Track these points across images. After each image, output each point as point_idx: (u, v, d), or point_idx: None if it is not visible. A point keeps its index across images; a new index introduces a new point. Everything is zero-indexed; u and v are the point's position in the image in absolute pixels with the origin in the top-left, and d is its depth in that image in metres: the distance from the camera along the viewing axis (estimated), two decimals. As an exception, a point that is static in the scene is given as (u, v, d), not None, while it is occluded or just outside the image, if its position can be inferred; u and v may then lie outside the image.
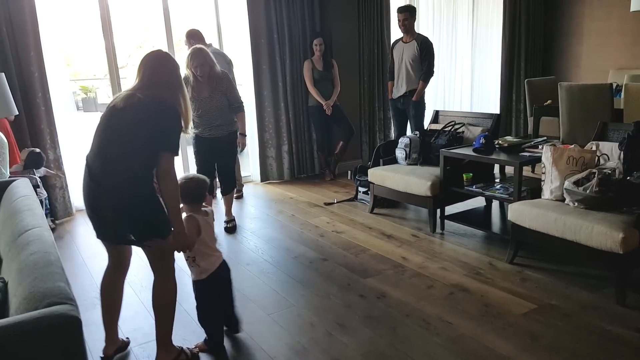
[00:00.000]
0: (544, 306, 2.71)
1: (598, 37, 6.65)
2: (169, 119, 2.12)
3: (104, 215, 2.13)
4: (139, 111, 2.08)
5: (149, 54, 2.24)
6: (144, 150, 2.07)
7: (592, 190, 2.80)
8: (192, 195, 2.40)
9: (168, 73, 2.21)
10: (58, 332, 1.32)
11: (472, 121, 4.27)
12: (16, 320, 1.30)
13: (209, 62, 3.73)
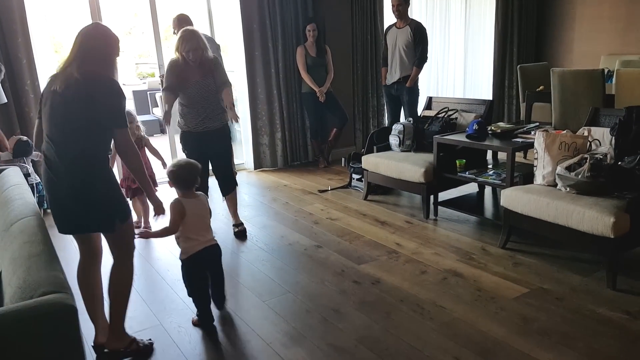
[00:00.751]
0: (536, 290, 2.74)
1: (590, 23, 6.65)
2: (113, 94, 2.08)
3: (64, 203, 2.13)
4: (79, 92, 2.02)
5: (85, 27, 2.15)
6: (89, 130, 2.06)
7: (583, 175, 2.82)
8: (183, 181, 2.51)
9: (102, 46, 2.12)
10: (54, 320, 1.31)
11: (465, 107, 4.27)
12: (11, 309, 1.29)
13: (202, 45, 3.42)
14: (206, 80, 3.48)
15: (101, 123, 2.07)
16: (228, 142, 3.75)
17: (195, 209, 2.49)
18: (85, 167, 2.07)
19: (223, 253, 3.40)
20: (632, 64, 5.29)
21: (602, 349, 2.21)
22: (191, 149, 3.57)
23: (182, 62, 3.43)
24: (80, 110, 2.02)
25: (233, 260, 3.37)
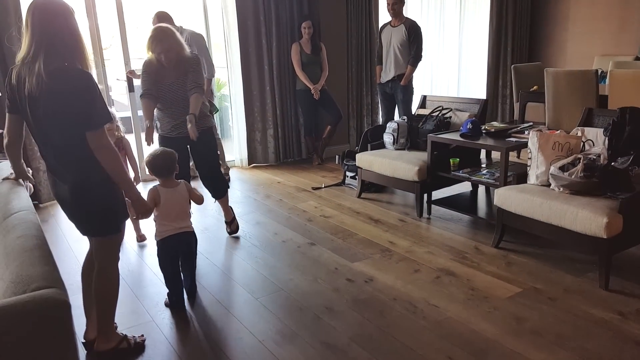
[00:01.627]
0: (528, 290, 2.75)
1: (583, 24, 6.68)
2: (81, 92, 1.88)
3: (67, 207, 2.12)
4: (51, 94, 1.86)
5: (35, 4, 1.89)
6: (75, 131, 1.93)
7: (577, 175, 2.83)
8: (160, 170, 2.63)
9: (66, 31, 1.91)
10: (46, 316, 1.30)
11: (460, 106, 4.27)
12: (3, 304, 1.28)
13: (175, 46, 3.07)
14: (181, 81, 3.17)
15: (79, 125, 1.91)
16: (210, 147, 3.41)
17: (172, 197, 2.63)
18: (83, 170, 2.00)
19: (215, 250, 3.41)
20: (625, 65, 5.32)
21: (594, 349, 2.22)
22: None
23: (156, 62, 3.14)
24: (58, 113, 1.89)
25: (226, 257, 3.35)
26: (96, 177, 2.01)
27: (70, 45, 1.92)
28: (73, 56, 1.92)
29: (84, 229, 2.16)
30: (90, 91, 1.90)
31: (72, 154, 1.98)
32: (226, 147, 5.78)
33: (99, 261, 2.20)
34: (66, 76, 1.88)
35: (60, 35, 1.89)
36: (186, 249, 2.72)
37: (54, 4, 1.91)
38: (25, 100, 1.93)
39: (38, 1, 1.90)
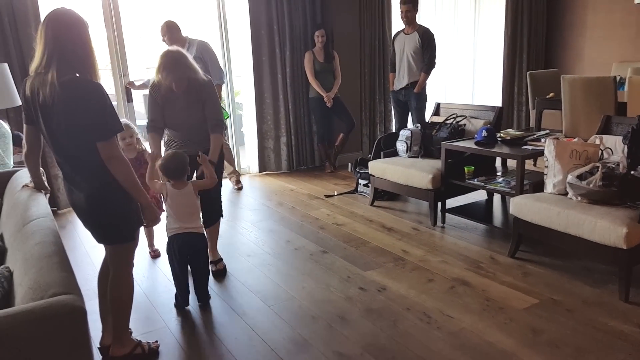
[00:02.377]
0: (546, 301, 2.69)
1: (601, 30, 6.60)
2: (92, 103, 1.89)
3: (83, 214, 2.12)
4: (64, 104, 1.87)
5: (49, 16, 1.91)
6: (89, 140, 1.93)
7: (595, 184, 2.78)
8: (173, 172, 2.67)
9: (79, 43, 1.92)
10: (63, 321, 1.33)
11: (474, 114, 4.24)
12: (21, 309, 1.31)
13: (187, 73, 2.81)
14: (193, 109, 2.94)
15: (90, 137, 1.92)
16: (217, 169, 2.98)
17: (179, 198, 2.69)
18: (98, 178, 2.00)
19: (228, 257, 3.40)
20: (644, 72, 5.23)
21: (613, 362, 2.17)
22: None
23: (164, 87, 2.86)
24: (71, 123, 1.90)
25: (238, 264, 3.34)
26: (111, 186, 2.01)
27: (81, 56, 1.93)
28: (84, 67, 1.94)
29: (99, 236, 2.17)
30: (101, 102, 1.91)
31: (87, 163, 1.99)
32: (239, 155, 5.81)
33: (114, 268, 2.22)
34: (77, 87, 1.89)
35: (72, 47, 1.91)
36: (191, 249, 2.74)
37: (67, 16, 1.93)
38: (39, 111, 1.95)
39: (52, 13, 1.92)
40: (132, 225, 2.16)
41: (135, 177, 2.05)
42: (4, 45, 4.14)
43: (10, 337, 1.28)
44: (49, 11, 1.93)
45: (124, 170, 1.99)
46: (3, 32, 4.11)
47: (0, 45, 4.13)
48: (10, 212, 2.35)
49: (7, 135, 3.46)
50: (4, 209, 2.56)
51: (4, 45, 4.14)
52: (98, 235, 2.17)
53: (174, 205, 2.70)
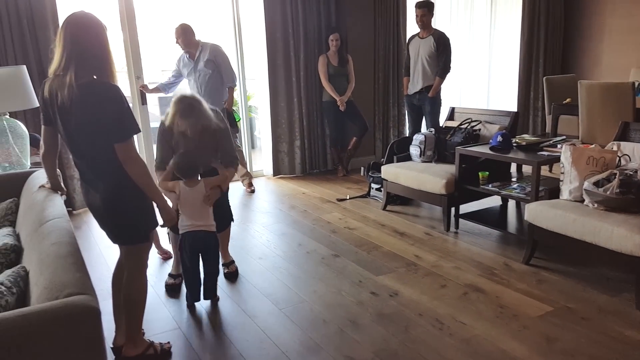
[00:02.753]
0: (560, 309, 2.66)
1: (619, 35, 6.52)
2: (109, 105, 1.91)
3: (99, 214, 2.15)
4: (81, 105, 1.89)
5: (68, 19, 1.93)
6: (106, 141, 1.96)
7: (612, 191, 2.74)
8: (185, 171, 2.71)
9: (97, 45, 1.94)
10: (77, 322, 1.35)
11: (489, 119, 4.21)
12: (37, 309, 1.33)
13: (201, 120, 2.73)
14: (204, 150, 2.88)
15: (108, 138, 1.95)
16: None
17: (191, 196, 2.72)
18: (115, 179, 2.02)
19: (240, 260, 3.42)
20: (662, 78, 5.16)
21: (630, 372, 2.13)
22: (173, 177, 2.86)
23: (175, 132, 2.81)
24: (88, 125, 1.93)
25: (250, 267, 3.35)
26: (127, 187, 2.03)
27: (99, 59, 1.95)
28: (102, 70, 1.96)
29: (115, 236, 2.19)
30: (118, 103, 1.92)
31: (104, 163, 2.01)
32: (253, 158, 5.83)
33: (129, 268, 2.23)
34: (95, 89, 1.92)
35: (90, 50, 1.93)
36: (202, 246, 2.76)
37: (86, 20, 1.95)
38: (57, 113, 1.98)
39: (71, 16, 1.94)
40: (147, 226, 2.18)
41: (151, 178, 2.07)
42: (22, 48, 4.20)
43: (25, 336, 1.30)
44: (68, 14, 1.95)
45: (141, 171, 2.01)
46: (22, 34, 4.18)
47: (18, 48, 4.19)
48: (26, 212, 2.38)
49: (25, 136, 3.52)
50: (21, 209, 2.60)
51: (22, 48, 4.20)
52: (113, 236, 2.19)
53: (187, 203, 2.72)
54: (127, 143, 1.96)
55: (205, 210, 2.76)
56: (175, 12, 5.11)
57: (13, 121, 3.50)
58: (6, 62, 4.15)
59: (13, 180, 2.96)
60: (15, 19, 4.15)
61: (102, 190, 2.04)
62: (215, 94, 4.64)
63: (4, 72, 3.36)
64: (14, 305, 1.63)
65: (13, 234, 2.34)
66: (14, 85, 3.36)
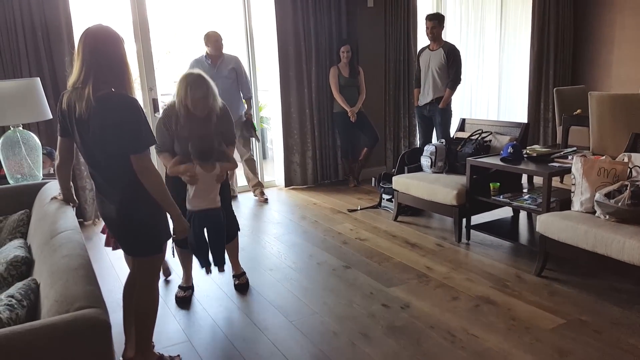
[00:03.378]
0: (573, 321, 2.64)
1: (629, 46, 6.49)
2: (127, 116, 1.94)
3: (113, 226, 2.17)
4: (98, 117, 1.92)
5: (87, 32, 1.97)
6: (124, 155, 1.98)
7: (624, 203, 2.72)
8: (202, 155, 2.79)
9: (115, 59, 1.97)
10: (88, 335, 1.35)
11: (500, 130, 4.20)
12: (47, 322, 1.33)
13: (211, 95, 2.75)
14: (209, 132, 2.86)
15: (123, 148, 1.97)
16: (226, 187, 3.03)
17: (207, 180, 2.83)
18: (130, 191, 2.04)
19: (250, 271, 3.43)
20: (675, 89, 5.12)
21: (644, 387, 2.10)
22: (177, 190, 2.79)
23: (183, 112, 2.77)
24: (105, 136, 1.95)
25: (261, 278, 3.36)
26: (142, 198, 2.05)
27: (117, 72, 1.98)
28: (120, 82, 1.98)
29: (129, 248, 2.21)
30: (135, 115, 1.95)
31: (119, 175, 2.04)
32: (264, 169, 5.86)
33: (141, 280, 2.24)
34: (113, 101, 1.95)
35: (108, 62, 1.96)
36: (212, 223, 2.89)
37: (104, 32, 1.98)
38: (75, 124, 2.02)
39: (90, 29, 1.98)
40: (162, 238, 2.19)
41: (167, 189, 2.09)
42: (37, 60, 4.28)
43: (35, 350, 1.30)
44: (87, 28, 1.99)
45: (156, 183, 2.03)
46: (36, 46, 4.26)
47: (32, 60, 4.27)
48: (38, 223, 2.40)
49: (37, 147, 3.57)
50: (33, 221, 2.62)
51: (37, 60, 4.28)
52: (127, 247, 2.21)
53: (201, 185, 2.82)
54: (143, 154, 1.98)
55: (216, 190, 2.89)
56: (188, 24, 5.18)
57: (26, 133, 3.55)
58: (20, 74, 4.22)
59: (25, 192, 2.98)
60: (30, 32, 4.23)
61: (118, 202, 2.06)
62: (233, 102, 4.78)
63: (18, 85, 3.41)
64: (25, 318, 1.64)
65: (24, 245, 2.36)
66: (28, 97, 3.41)
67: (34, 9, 4.20)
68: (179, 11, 6.82)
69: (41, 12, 4.24)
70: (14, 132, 3.48)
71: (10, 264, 2.13)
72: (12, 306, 1.64)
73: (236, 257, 3.29)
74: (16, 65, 4.23)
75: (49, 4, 4.24)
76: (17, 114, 3.38)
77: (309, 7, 5.42)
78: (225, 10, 6.47)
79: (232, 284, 3.24)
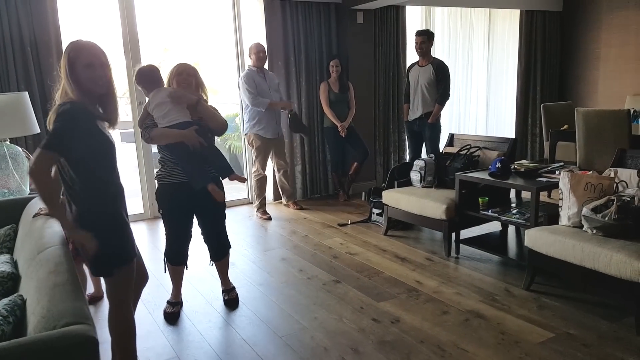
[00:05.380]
0: (561, 335, 2.65)
1: (615, 63, 6.63)
2: (56, 119, 1.88)
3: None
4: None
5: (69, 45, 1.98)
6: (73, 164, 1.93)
7: (610, 217, 2.76)
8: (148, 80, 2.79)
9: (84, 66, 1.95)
10: (75, 352, 1.34)
11: (488, 145, 4.25)
12: (34, 339, 1.32)
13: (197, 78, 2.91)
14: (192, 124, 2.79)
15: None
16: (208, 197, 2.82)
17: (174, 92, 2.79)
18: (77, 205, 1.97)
19: (240, 285, 3.41)
20: (658, 105, 5.22)
21: (633, 401, 2.11)
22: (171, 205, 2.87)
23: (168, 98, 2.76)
24: None
25: (250, 292, 3.34)
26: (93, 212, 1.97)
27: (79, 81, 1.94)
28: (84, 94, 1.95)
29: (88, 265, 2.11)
30: (63, 117, 1.88)
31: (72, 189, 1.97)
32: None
33: (109, 300, 2.17)
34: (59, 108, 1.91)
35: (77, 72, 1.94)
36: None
37: (78, 46, 1.96)
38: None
39: (69, 44, 1.98)
40: (112, 258, 2.05)
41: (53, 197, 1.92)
42: (26, 74, 4.26)
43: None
44: (70, 42, 1.99)
45: (39, 189, 1.87)
46: (25, 61, 4.25)
47: (21, 74, 4.25)
48: (25, 239, 2.37)
49: (25, 162, 3.54)
50: (19, 236, 2.59)
51: (26, 74, 4.26)
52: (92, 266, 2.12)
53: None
54: (43, 152, 1.83)
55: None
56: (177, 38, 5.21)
57: (13, 147, 3.53)
58: (9, 88, 4.21)
59: (12, 207, 2.95)
60: (19, 46, 4.22)
61: (76, 214, 1.98)
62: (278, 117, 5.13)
63: (6, 98, 3.40)
64: (11, 334, 1.62)
65: (11, 261, 2.33)
66: (16, 111, 3.39)
67: (23, 24, 4.21)
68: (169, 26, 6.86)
69: (30, 27, 4.24)
70: (1, 146, 3.45)
71: (-4, 279, 2.11)
72: (-3, 322, 1.62)
73: (226, 272, 3.26)
74: (4, 79, 4.21)
75: (39, 18, 4.25)
76: (4, 128, 3.36)
77: (299, 23, 5.47)
78: (215, 25, 6.52)
79: (221, 299, 3.22)
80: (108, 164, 2.05)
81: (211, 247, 3.13)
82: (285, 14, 5.42)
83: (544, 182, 3.40)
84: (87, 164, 1.96)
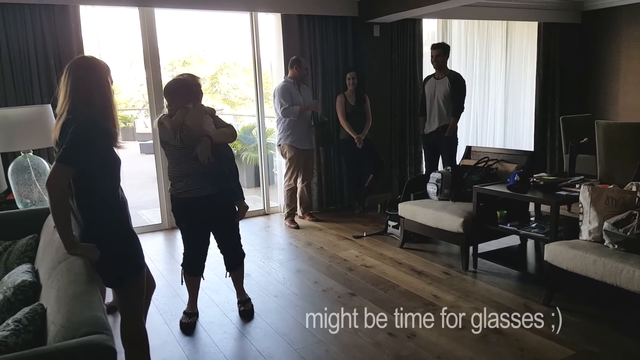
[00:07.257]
0: (582, 352, 2.59)
1: (635, 76, 6.54)
2: (71, 133, 1.91)
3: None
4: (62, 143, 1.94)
5: (70, 63, 2.03)
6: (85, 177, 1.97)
7: (633, 232, 2.71)
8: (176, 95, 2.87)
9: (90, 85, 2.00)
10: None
11: (506, 157, 4.21)
12: (53, 348, 1.34)
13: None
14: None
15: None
16: (231, 211, 2.99)
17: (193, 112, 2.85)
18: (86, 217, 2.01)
19: (255, 297, 3.41)
20: (681, 118, 5.13)
21: (657, 422, 2.05)
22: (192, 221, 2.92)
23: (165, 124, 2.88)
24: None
25: (265, 304, 3.33)
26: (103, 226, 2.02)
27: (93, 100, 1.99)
28: (92, 109, 1.98)
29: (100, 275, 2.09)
30: (78, 132, 1.91)
31: (79, 202, 2.01)
32: (270, 194, 5.87)
33: (120, 311, 2.19)
34: (71, 123, 1.94)
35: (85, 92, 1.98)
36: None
37: (86, 62, 2.03)
38: (55, 151, 2.04)
39: (73, 61, 2.04)
40: (122, 269, 2.09)
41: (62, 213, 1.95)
42: (49, 87, 4.34)
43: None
44: (73, 60, 2.06)
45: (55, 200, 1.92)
46: (48, 74, 4.34)
47: (44, 87, 4.34)
48: (46, 249, 2.40)
49: (47, 173, 3.61)
50: (40, 246, 2.62)
51: (49, 87, 4.34)
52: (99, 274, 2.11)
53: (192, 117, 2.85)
54: (60, 167, 1.89)
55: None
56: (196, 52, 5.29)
57: (36, 158, 3.60)
58: (32, 100, 4.29)
59: (33, 217, 2.99)
60: (43, 59, 4.31)
61: (83, 227, 2.02)
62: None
63: (29, 111, 3.48)
64: (31, 343, 1.63)
65: (32, 270, 2.35)
66: (39, 123, 3.46)
67: (47, 38, 4.30)
68: (188, 39, 6.96)
69: (54, 41, 4.34)
70: (24, 158, 3.52)
71: (18, 288, 2.13)
72: (18, 331, 1.64)
73: (241, 283, 3.27)
74: (28, 92, 4.30)
75: (62, 33, 4.35)
76: (28, 140, 3.43)
77: (316, 37, 5.51)
78: (233, 38, 6.60)
79: (237, 311, 3.22)
80: (117, 177, 2.13)
81: (226, 256, 3.16)
82: (303, 29, 5.46)
83: (563, 195, 3.36)
84: (99, 177, 2.03)
